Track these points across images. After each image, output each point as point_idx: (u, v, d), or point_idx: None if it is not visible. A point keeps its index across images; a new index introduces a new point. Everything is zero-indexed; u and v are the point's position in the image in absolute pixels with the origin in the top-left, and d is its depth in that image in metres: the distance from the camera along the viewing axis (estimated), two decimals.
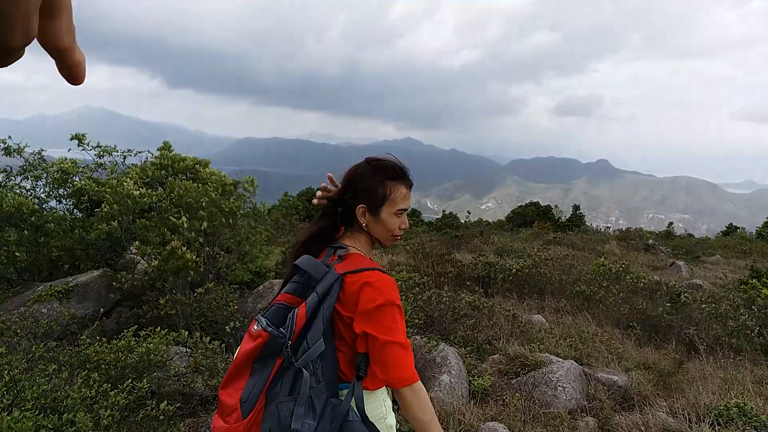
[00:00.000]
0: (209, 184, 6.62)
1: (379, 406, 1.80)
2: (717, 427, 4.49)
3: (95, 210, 6.74)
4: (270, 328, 1.66)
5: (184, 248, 5.37)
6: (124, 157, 7.79)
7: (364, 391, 1.74)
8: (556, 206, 35.36)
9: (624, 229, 29.33)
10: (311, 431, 1.59)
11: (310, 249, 1.93)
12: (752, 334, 7.65)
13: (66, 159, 6.97)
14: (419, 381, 1.69)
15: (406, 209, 1.86)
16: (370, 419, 1.75)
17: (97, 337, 3.95)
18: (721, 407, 4.76)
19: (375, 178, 1.83)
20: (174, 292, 5.30)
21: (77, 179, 6.88)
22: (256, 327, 1.70)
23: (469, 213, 40.06)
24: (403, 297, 6.67)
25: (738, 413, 4.65)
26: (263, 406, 1.62)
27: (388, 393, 1.89)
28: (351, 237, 1.91)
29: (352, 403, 1.71)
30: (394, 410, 1.94)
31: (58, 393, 2.75)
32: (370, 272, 1.73)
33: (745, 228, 37.00)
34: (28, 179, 6.70)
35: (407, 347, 1.69)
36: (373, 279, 1.72)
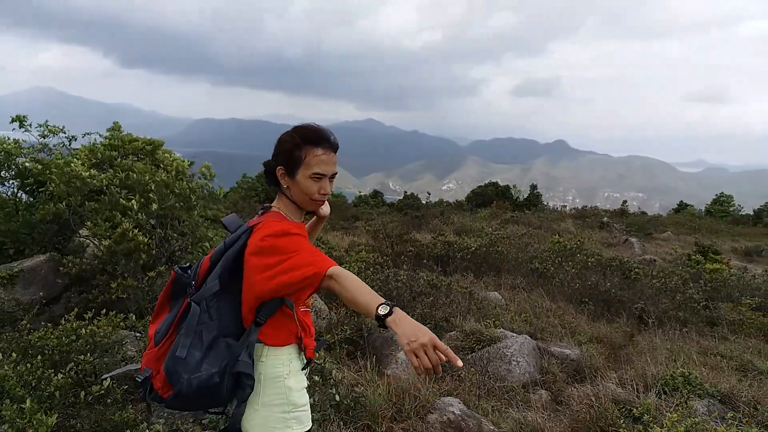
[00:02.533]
0: (163, 166, 6.45)
1: (280, 364, 1.87)
2: (663, 396, 4.65)
3: (40, 190, 6.50)
4: (177, 269, 1.91)
5: (136, 230, 5.23)
6: (70, 140, 7.49)
7: (269, 346, 1.86)
8: (514, 186, 35.90)
9: (580, 207, 29.99)
10: (196, 361, 1.72)
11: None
12: (698, 307, 7.95)
13: (7, 138, 6.67)
14: (331, 267, 1.69)
15: (325, 174, 1.89)
16: (268, 375, 1.85)
17: (42, 323, 3.82)
18: (667, 377, 4.93)
19: (291, 141, 1.89)
20: (125, 275, 5.17)
21: (20, 160, 6.61)
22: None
23: (429, 194, 40.32)
24: (362, 276, 6.66)
25: (683, 382, 4.83)
26: (173, 338, 1.79)
27: (298, 356, 1.94)
28: (278, 199, 1.99)
29: (250, 348, 1.82)
30: (306, 376, 2.00)
31: None
32: (268, 220, 1.85)
33: (695, 205, 38.34)
34: None
35: (301, 252, 1.73)
36: (262, 226, 1.83)
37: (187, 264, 1.97)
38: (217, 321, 1.79)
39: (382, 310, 1.56)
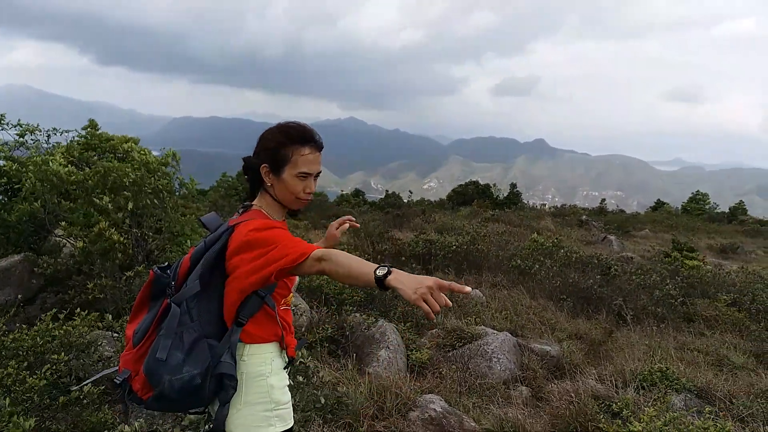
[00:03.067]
0: (134, 162, 6.35)
1: (262, 363, 1.86)
2: (641, 391, 4.71)
3: (18, 191, 6.38)
4: (156, 269, 1.87)
5: (112, 229, 5.16)
6: (48, 136, 7.36)
7: (251, 345, 1.84)
8: (494, 185, 36.12)
9: (560, 206, 30.30)
10: (177, 362, 1.69)
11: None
12: (675, 303, 8.06)
13: None
14: (317, 249, 1.67)
15: (311, 173, 1.89)
16: (250, 374, 1.83)
17: (17, 325, 3.75)
18: (646, 372, 5.00)
19: (278, 139, 1.87)
20: (102, 275, 5.09)
21: None
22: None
23: (411, 192, 40.44)
24: None
25: (661, 377, 4.90)
26: (153, 339, 1.76)
27: (280, 355, 1.93)
28: (260, 197, 1.97)
29: (232, 349, 1.80)
30: (289, 376, 2.00)
31: None
32: (253, 220, 1.82)
33: (672, 203, 38.95)
34: None
35: (284, 241, 1.71)
36: (243, 224, 1.80)
37: (166, 263, 1.93)
38: (198, 322, 1.76)
39: (381, 272, 1.55)
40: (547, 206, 30.80)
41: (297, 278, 1.99)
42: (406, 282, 1.50)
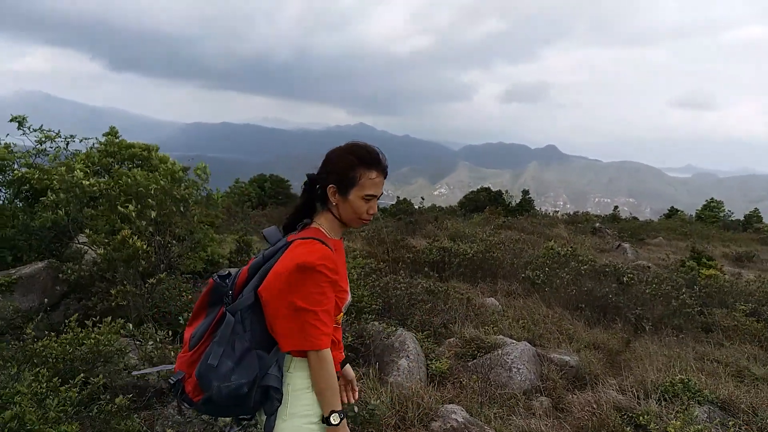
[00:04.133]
0: (159, 170, 6.42)
1: (308, 376, 1.89)
2: (663, 403, 4.67)
3: (40, 198, 6.45)
4: (215, 277, 1.93)
5: (135, 237, 5.20)
6: (67, 143, 7.43)
7: (297, 358, 1.87)
8: (506, 191, 35.96)
9: (572, 212, 30.19)
10: (227, 370, 1.76)
11: (292, 227, 2.04)
12: (693, 313, 7.99)
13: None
14: (325, 350, 1.81)
15: (376, 195, 1.95)
16: (295, 387, 1.87)
17: (45, 331, 3.80)
18: (667, 383, 4.96)
19: (347, 161, 1.91)
20: (125, 282, 5.14)
21: (16, 166, 6.55)
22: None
23: (423, 199, 40.39)
24: (361, 283, 6.67)
25: (682, 389, 4.85)
26: (207, 344, 1.84)
27: None
28: (321, 215, 2.01)
29: (280, 361, 1.86)
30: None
31: (6, 390, 2.64)
32: (308, 240, 1.86)
33: (685, 210, 38.61)
34: None
35: (314, 313, 1.78)
36: (300, 244, 1.84)
37: (227, 272, 1.99)
38: (250, 333, 1.82)
39: (334, 420, 1.81)
40: (559, 213, 30.69)
41: (349, 298, 2.01)
42: None
